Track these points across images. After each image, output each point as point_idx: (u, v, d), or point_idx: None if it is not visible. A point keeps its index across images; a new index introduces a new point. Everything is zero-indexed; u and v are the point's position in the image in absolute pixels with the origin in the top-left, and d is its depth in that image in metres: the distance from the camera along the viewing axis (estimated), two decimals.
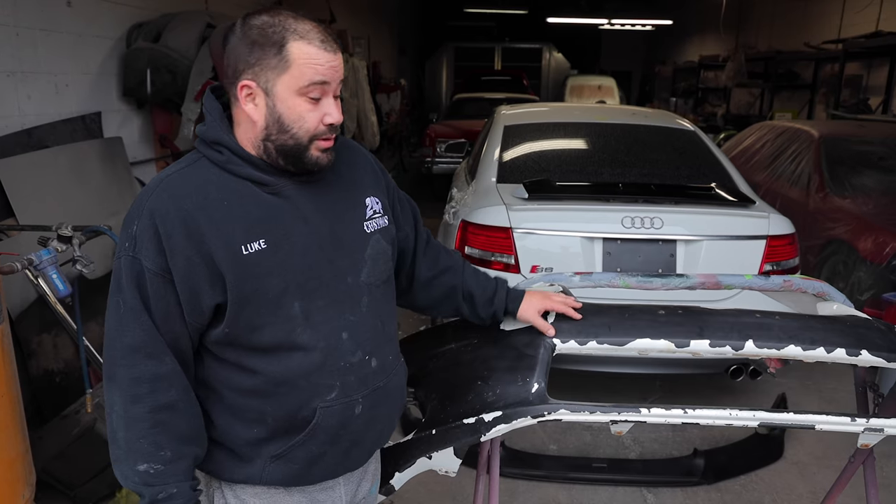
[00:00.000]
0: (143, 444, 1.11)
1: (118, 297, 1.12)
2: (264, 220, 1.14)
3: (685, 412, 1.31)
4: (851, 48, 8.27)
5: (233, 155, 1.15)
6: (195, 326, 1.14)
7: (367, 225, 1.26)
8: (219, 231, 1.11)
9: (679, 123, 4.14)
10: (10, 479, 1.98)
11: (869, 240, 3.97)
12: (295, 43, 1.09)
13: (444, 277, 1.46)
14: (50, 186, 3.19)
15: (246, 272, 1.12)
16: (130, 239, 1.11)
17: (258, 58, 1.10)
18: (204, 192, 1.12)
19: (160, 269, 1.10)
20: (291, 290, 1.15)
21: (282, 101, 1.11)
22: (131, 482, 1.12)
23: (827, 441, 3.11)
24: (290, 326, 1.16)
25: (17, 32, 3.27)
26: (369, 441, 1.31)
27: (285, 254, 1.15)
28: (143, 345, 1.10)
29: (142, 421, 1.11)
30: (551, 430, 3.23)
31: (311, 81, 1.11)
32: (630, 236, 3.06)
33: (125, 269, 1.11)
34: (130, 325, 1.10)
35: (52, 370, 2.82)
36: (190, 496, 1.14)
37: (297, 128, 1.13)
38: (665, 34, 18.57)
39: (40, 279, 2.48)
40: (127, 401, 1.11)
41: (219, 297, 1.12)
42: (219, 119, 1.18)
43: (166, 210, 1.10)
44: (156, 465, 1.11)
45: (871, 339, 1.41)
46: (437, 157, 8.59)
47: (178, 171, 1.16)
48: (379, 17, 14.37)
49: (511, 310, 1.48)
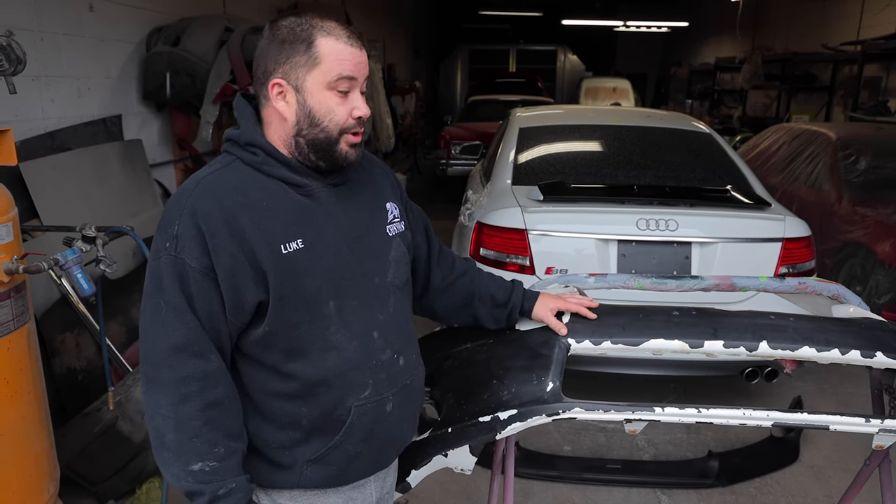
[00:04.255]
0: (197, 443, 1.10)
1: (158, 299, 1.11)
2: (300, 221, 1.17)
3: (699, 411, 1.31)
4: (870, 49, 8.18)
5: (267, 156, 1.18)
6: (236, 325, 1.15)
7: (388, 229, 1.30)
8: (260, 230, 1.13)
9: (694, 126, 4.13)
10: (36, 474, 2.03)
11: (887, 243, 3.94)
12: (323, 39, 1.14)
13: (461, 281, 1.49)
14: (72, 188, 3.25)
15: (286, 270, 1.14)
16: (171, 239, 1.11)
17: (288, 56, 1.15)
18: (243, 192, 1.15)
19: (205, 268, 1.11)
20: (326, 289, 1.18)
21: (312, 95, 1.16)
22: (185, 482, 1.11)
23: (843, 445, 3.09)
24: (325, 325, 1.19)
25: (41, 37, 3.34)
26: (399, 439, 1.34)
27: (319, 254, 1.18)
28: (189, 343, 1.10)
29: (193, 420, 1.10)
30: (565, 431, 3.24)
31: (339, 75, 1.15)
32: (645, 238, 3.06)
33: (167, 268, 1.11)
34: (175, 324, 1.10)
35: (74, 368, 2.87)
36: (248, 489, 1.15)
37: (327, 121, 1.17)
38: (681, 36, 18.47)
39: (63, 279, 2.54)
40: (175, 401, 1.10)
41: (261, 294, 1.14)
42: (253, 121, 1.22)
43: (209, 209, 1.12)
44: (211, 462, 1.11)
45: (886, 341, 1.40)
46: (451, 159, 8.61)
47: (215, 172, 1.18)
48: (394, 19, 14.43)
49: (526, 309, 1.50)
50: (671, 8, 18.06)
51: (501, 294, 1.50)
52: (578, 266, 3.02)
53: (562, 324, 1.46)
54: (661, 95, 19.24)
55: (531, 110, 4.74)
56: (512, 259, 3.13)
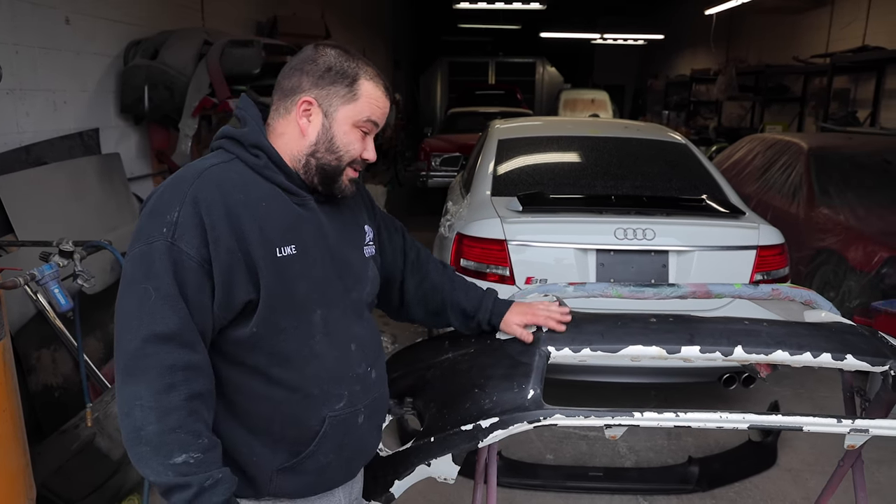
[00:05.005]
0: (180, 433, 1.06)
1: (146, 285, 1.08)
2: (295, 227, 1.19)
3: (677, 415, 1.34)
4: (839, 62, 8.39)
5: (269, 161, 1.21)
6: (219, 321, 1.14)
7: (365, 250, 1.35)
8: (259, 230, 1.14)
9: (671, 136, 4.20)
10: (10, 493, 1.99)
11: (858, 249, 4.03)
12: (366, 82, 1.24)
13: (433, 294, 1.53)
14: (48, 202, 3.21)
15: (279, 274, 1.16)
16: (169, 225, 1.09)
17: (330, 83, 1.21)
18: (245, 190, 1.16)
19: (202, 259, 1.10)
20: (314, 297, 1.21)
21: (339, 125, 1.23)
22: (166, 477, 1.06)
23: (819, 448, 3.14)
24: (310, 332, 1.20)
25: (16, 51, 3.31)
26: (367, 449, 1.36)
27: (310, 262, 1.20)
28: (178, 332, 1.08)
29: (178, 410, 1.06)
30: (548, 440, 3.26)
31: (368, 118, 1.24)
32: (623, 248, 3.10)
33: (160, 254, 1.08)
34: (165, 312, 1.07)
35: (51, 385, 2.83)
36: (233, 480, 1.12)
37: (343, 152, 1.24)
38: (657, 49, 18.78)
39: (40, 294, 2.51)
40: (159, 391, 1.06)
41: (252, 293, 1.14)
42: (260, 125, 1.24)
43: (212, 200, 1.11)
44: (195, 453, 1.07)
45: (855, 343, 1.45)
46: (432, 170, 8.65)
47: (217, 166, 1.18)
48: (373, 31, 14.49)
49: (494, 323, 1.52)
50: (648, 21, 18.37)
51: (470, 306, 1.53)
52: (558, 275, 3.05)
53: (527, 331, 1.48)
54: (638, 107, 19.50)
55: (510, 122, 4.78)
56: (492, 269, 3.15)
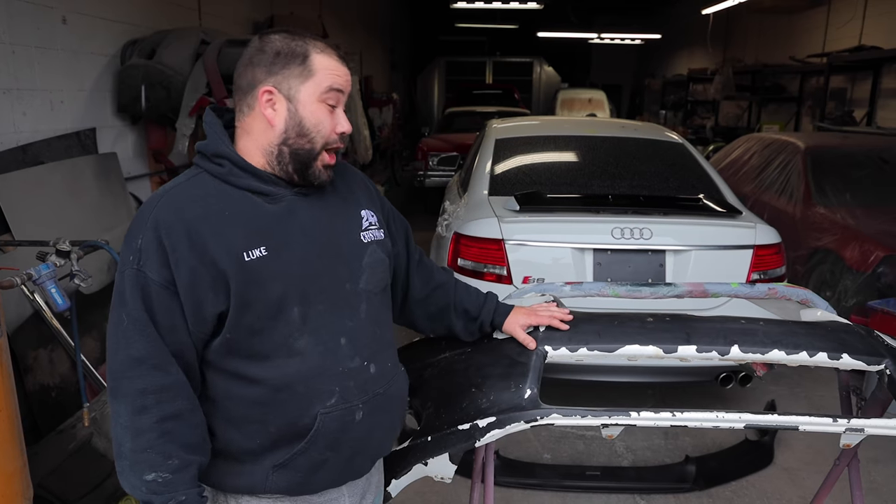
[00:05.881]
0: (151, 454, 1.12)
1: (121, 311, 1.14)
2: (264, 229, 1.19)
3: (674, 415, 1.34)
4: (836, 62, 8.41)
5: (233, 166, 1.20)
6: (199, 337, 1.17)
7: (363, 235, 1.31)
8: (221, 238, 1.15)
9: (668, 136, 4.21)
10: (8, 494, 1.99)
11: (854, 249, 4.04)
12: (317, 55, 1.21)
13: (437, 293, 1.51)
14: (45, 202, 3.21)
15: (248, 278, 1.16)
16: (135, 252, 1.14)
17: (282, 66, 1.20)
18: (205, 203, 1.17)
19: (165, 282, 1.13)
20: (291, 295, 1.19)
21: (304, 106, 1.21)
22: (139, 492, 1.14)
23: (816, 447, 3.15)
24: (288, 331, 1.19)
25: (13, 50, 3.31)
26: (372, 448, 1.33)
27: (285, 261, 1.19)
28: (148, 356, 1.13)
29: (149, 431, 1.12)
30: (545, 440, 3.26)
31: (330, 87, 1.22)
32: (620, 247, 3.10)
33: (129, 282, 1.13)
34: (135, 337, 1.13)
35: (48, 385, 2.82)
36: (198, 502, 1.16)
37: (315, 132, 1.22)
38: (654, 48, 18.80)
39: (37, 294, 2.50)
40: (133, 412, 1.12)
41: (222, 305, 1.16)
42: (220, 133, 1.23)
43: (170, 222, 1.14)
44: (164, 473, 1.12)
45: (851, 343, 1.45)
46: (429, 170, 8.64)
47: (178, 185, 1.20)
48: (371, 32, 14.48)
49: (497, 323, 1.52)
50: (645, 21, 18.38)
51: (474, 307, 1.52)
52: (555, 275, 3.06)
53: (530, 338, 1.48)
54: (635, 106, 19.53)
55: (507, 122, 4.78)
56: (489, 269, 3.15)
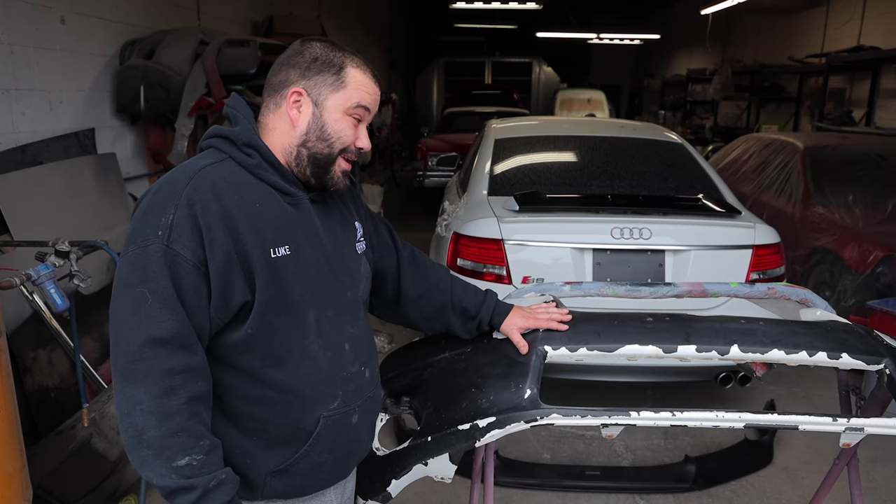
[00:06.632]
0: (182, 437, 1.07)
1: (143, 288, 1.07)
2: (288, 228, 1.19)
3: (673, 415, 1.34)
4: (834, 62, 8.41)
5: (263, 160, 1.20)
6: (216, 324, 1.14)
7: (357, 246, 1.35)
8: (253, 231, 1.14)
9: (667, 136, 4.21)
10: (7, 494, 1.98)
11: (854, 249, 4.05)
12: (353, 69, 1.24)
13: (433, 292, 1.51)
14: (44, 203, 3.21)
15: (274, 275, 1.15)
16: (164, 228, 1.08)
17: (317, 73, 1.22)
18: (240, 192, 1.15)
19: (198, 261, 1.09)
20: (307, 298, 1.20)
21: (329, 113, 1.23)
22: (168, 480, 1.06)
23: (815, 446, 3.15)
24: (303, 333, 1.20)
25: (11, 50, 3.30)
26: (361, 448, 1.37)
27: (304, 263, 1.20)
28: (177, 336, 1.07)
29: (179, 413, 1.07)
30: (545, 440, 3.26)
31: (358, 104, 1.24)
32: (619, 247, 3.10)
33: (156, 257, 1.07)
34: (162, 315, 1.07)
35: (47, 386, 2.82)
36: (235, 479, 1.13)
37: (335, 139, 1.23)
38: (653, 48, 18.80)
39: (36, 294, 2.50)
40: (160, 395, 1.06)
41: (248, 295, 1.14)
42: (253, 123, 1.23)
43: (207, 201, 1.11)
44: (198, 455, 1.08)
45: (851, 342, 1.45)
46: (428, 170, 8.65)
47: (210, 167, 1.16)
48: (370, 32, 14.48)
49: (495, 323, 1.52)
50: (644, 21, 18.39)
51: (473, 306, 1.52)
52: (554, 275, 3.06)
53: (524, 341, 1.47)
54: (634, 106, 19.52)
55: (506, 122, 4.78)
56: (489, 269, 3.15)
